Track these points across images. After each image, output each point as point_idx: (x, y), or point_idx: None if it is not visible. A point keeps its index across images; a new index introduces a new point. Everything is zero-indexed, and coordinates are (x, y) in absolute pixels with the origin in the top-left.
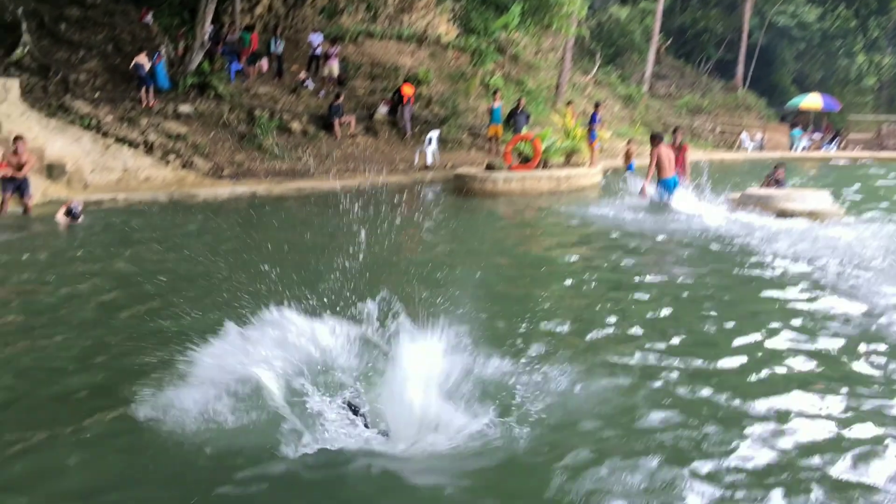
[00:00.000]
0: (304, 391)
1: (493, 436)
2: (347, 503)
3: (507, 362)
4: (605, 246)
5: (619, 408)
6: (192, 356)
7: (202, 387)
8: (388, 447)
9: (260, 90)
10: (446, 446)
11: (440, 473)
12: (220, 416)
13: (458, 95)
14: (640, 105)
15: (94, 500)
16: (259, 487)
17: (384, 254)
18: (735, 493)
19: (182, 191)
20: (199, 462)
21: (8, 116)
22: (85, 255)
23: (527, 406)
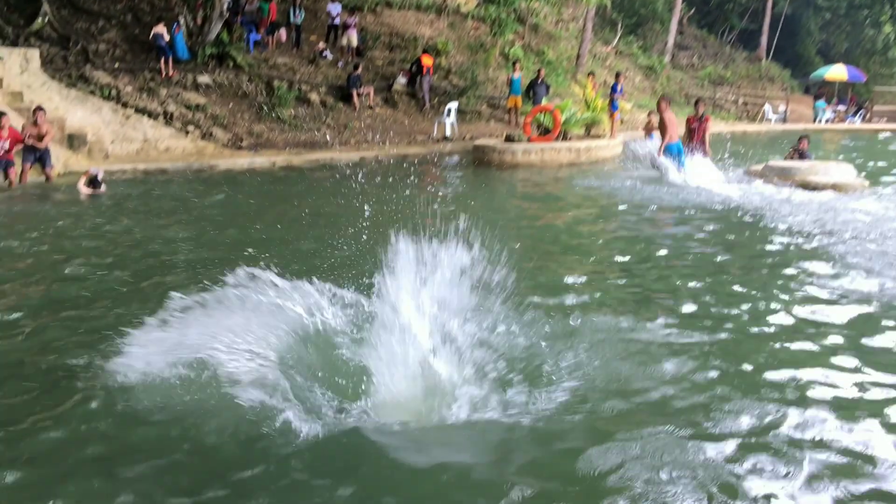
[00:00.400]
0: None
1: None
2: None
3: (520, 328)
4: (623, 217)
5: (639, 376)
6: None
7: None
8: (390, 419)
9: (278, 61)
10: (459, 416)
11: (445, 448)
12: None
13: (477, 66)
14: (661, 76)
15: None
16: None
17: (396, 225)
18: (761, 465)
19: (202, 161)
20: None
21: (29, 87)
22: (108, 224)
23: (541, 373)
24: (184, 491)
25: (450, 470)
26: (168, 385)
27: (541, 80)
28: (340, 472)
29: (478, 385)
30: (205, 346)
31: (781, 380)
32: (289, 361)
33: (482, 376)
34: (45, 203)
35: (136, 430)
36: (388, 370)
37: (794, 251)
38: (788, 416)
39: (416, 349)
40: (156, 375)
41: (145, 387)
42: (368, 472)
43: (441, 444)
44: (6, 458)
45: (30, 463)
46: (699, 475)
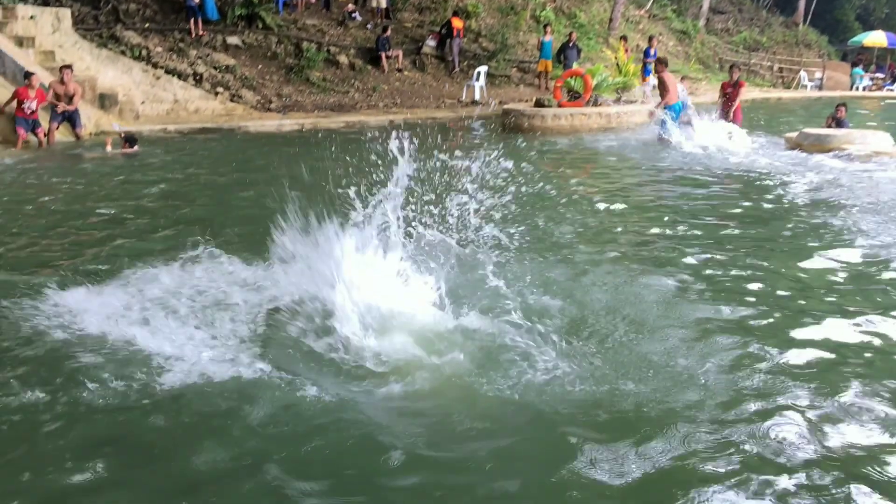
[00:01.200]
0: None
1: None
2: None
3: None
4: (653, 184)
5: (658, 346)
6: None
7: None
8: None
9: (307, 22)
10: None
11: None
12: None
13: (507, 29)
14: (695, 40)
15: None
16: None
17: (422, 189)
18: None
19: (231, 123)
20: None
21: (60, 46)
22: (143, 183)
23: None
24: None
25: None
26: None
27: (572, 44)
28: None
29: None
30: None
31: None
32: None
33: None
34: (79, 161)
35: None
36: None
37: (822, 219)
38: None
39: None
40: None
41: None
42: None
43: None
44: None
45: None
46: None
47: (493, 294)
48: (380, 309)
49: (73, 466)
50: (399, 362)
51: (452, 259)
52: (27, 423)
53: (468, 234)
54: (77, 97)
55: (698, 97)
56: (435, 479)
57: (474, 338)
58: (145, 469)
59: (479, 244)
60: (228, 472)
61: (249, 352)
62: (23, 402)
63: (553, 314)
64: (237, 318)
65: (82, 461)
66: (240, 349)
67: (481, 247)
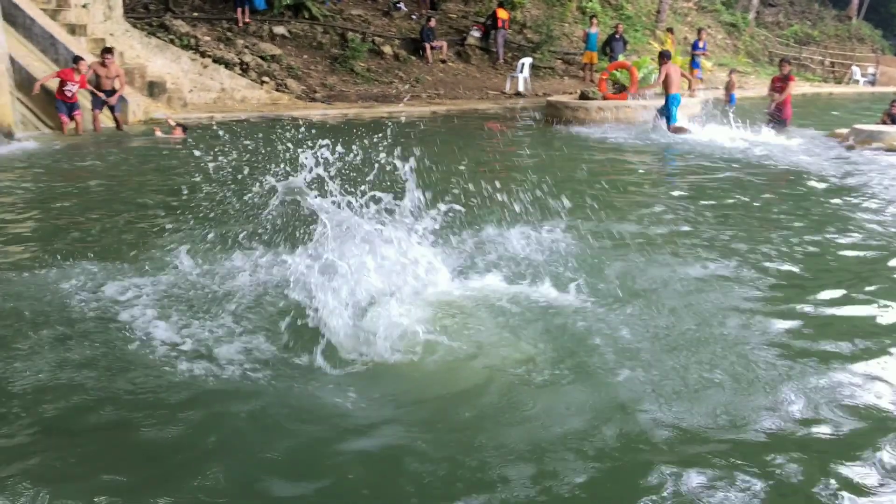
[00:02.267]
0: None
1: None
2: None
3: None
4: (696, 176)
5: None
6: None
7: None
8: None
9: (353, 12)
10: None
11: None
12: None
13: (552, 21)
14: (744, 33)
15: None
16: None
17: (464, 181)
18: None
19: (276, 112)
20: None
21: (111, 34)
22: (197, 169)
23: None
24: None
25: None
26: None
27: (618, 36)
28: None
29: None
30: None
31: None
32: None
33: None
34: (127, 146)
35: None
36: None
37: (868, 216)
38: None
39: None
40: None
41: None
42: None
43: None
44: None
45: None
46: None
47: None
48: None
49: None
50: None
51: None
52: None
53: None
54: (121, 80)
55: (746, 91)
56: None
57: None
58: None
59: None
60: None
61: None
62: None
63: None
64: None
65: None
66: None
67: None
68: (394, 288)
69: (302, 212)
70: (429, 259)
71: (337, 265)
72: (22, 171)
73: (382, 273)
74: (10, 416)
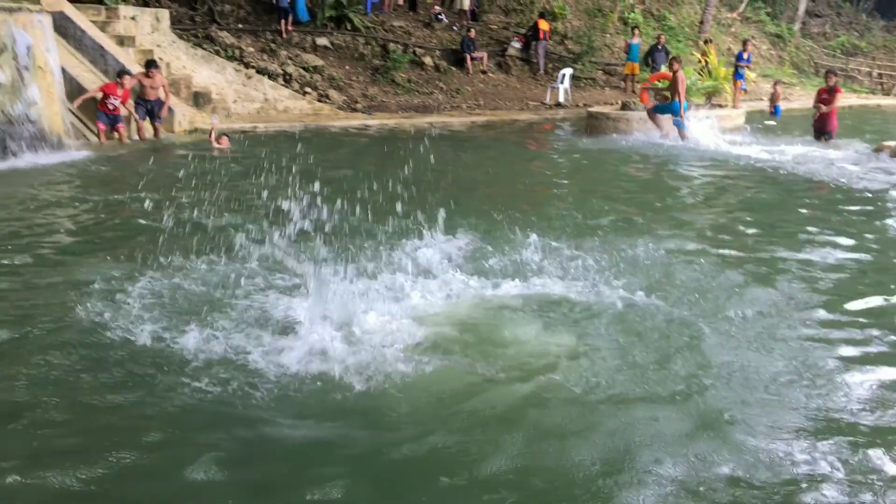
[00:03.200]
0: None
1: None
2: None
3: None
4: (744, 188)
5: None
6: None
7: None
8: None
9: (394, 24)
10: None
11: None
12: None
13: (594, 31)
14: (790, 44)
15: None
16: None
17: (499, 190)
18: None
19: (318, 122)
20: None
21: (158, 45)
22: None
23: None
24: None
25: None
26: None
27: (660, 47)
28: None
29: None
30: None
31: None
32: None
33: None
34: (171, 155)
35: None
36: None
37: None
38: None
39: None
40: None
41: None
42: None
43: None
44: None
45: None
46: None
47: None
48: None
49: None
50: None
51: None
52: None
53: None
54: (166, 91)
55: (791, 103)
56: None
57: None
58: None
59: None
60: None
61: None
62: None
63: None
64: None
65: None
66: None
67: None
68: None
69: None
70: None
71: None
72: (73, 179)
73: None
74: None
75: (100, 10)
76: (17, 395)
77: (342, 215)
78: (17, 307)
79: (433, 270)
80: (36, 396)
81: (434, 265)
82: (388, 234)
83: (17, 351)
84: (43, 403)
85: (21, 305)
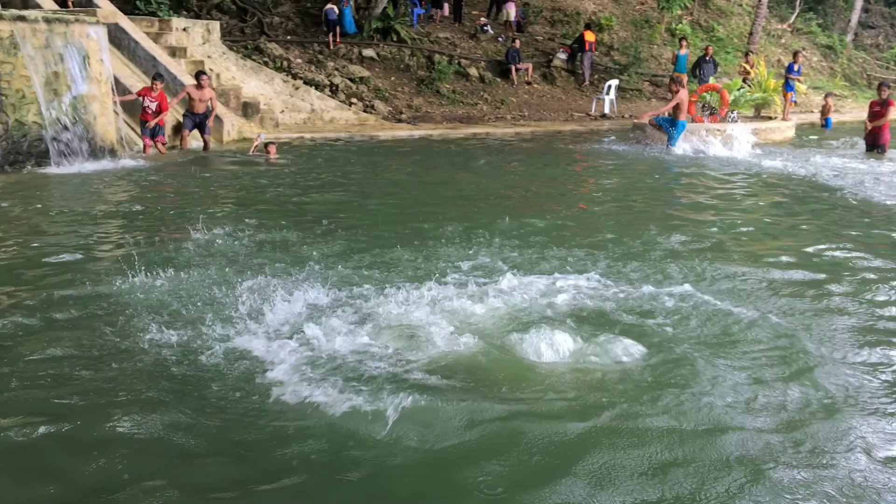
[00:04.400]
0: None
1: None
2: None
3: None
4: (779, 203)
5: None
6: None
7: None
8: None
9: (440, 35)
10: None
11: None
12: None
13: (640, 42)
14: (841, 56)
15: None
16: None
17: (539, 200)
18: None
19: (363, 133)
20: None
21: (209, 56)
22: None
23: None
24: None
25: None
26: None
27: (708, 58)
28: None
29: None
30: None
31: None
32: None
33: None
34: (224, 165)
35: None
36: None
37: None
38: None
39: None
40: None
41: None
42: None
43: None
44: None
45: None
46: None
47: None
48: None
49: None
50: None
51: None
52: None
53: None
54: (213, 103)
55: (843, 115)
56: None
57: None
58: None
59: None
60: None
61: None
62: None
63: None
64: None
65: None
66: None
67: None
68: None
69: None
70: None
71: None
72: (126, 187)
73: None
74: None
75: (153, 21)
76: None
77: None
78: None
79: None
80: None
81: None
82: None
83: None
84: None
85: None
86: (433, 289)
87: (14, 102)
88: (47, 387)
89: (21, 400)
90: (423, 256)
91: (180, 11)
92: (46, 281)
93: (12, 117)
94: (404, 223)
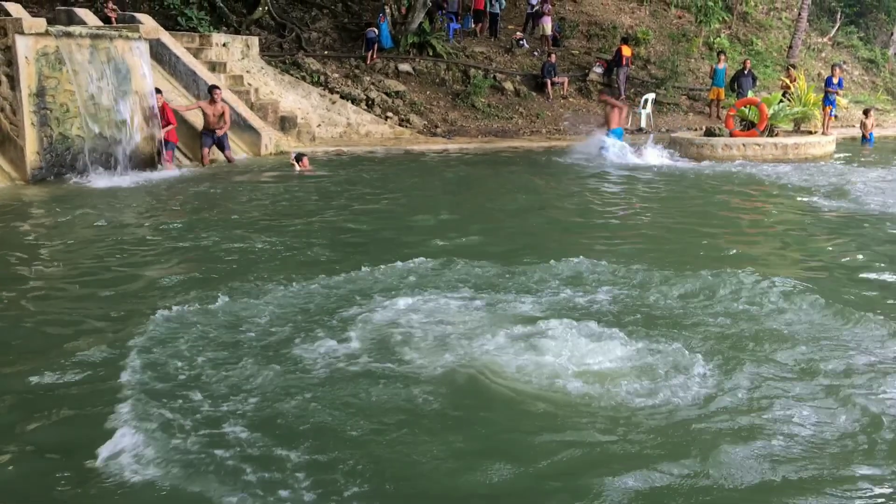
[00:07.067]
0: None
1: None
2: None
3: None
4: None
5: None
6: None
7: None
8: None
9: (476, 49)
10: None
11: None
12: None
13: (678, 56)
14: (884, 70)
15: None
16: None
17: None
18: None
19: (399, 146)
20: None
21: (248, 71)
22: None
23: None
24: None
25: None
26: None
27: (747, 72)
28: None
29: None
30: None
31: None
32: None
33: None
34: (256, 178)
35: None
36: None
37: None
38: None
39: None
40: None
41: None
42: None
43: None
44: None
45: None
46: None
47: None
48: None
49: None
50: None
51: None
52: None
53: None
54: (225, 118)
55: (885, 130)
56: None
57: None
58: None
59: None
60: None
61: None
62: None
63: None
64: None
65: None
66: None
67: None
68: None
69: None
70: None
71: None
72: (168, 196)
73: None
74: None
75: (194, 37)
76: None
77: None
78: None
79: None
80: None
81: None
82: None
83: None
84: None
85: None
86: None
87: (58, 116)
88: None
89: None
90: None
91: (220, 27)
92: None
93: (56, 130)
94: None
